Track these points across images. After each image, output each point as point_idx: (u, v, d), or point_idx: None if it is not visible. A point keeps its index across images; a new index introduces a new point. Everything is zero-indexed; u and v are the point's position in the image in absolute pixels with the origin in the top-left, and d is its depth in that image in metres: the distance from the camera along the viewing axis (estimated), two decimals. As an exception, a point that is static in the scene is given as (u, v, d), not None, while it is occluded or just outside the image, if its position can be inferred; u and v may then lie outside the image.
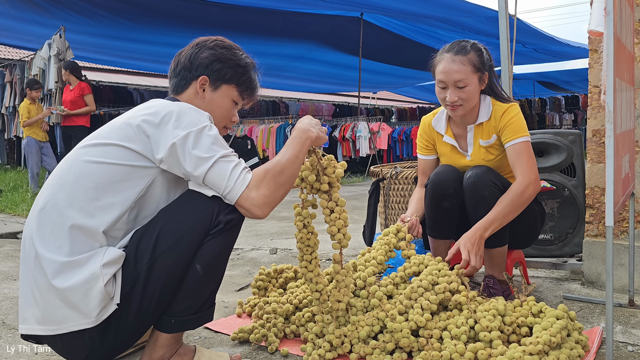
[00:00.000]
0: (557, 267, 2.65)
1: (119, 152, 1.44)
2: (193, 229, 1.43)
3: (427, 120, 2.30)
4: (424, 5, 7.94)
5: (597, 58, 2.43)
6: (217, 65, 1.63)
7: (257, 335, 1.80)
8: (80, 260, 1.36)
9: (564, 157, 2.71)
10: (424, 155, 2.32)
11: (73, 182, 1.42)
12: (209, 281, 1.49)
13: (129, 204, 1.44)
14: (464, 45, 2.05)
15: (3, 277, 2.82)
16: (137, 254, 1.41)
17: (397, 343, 1.67)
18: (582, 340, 1.66)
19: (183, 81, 1.64)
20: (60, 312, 1.36)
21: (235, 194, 1.43)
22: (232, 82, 1.66)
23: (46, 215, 1.40)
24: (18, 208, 5.52)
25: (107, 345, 1.42)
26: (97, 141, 1.48)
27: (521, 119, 2.07)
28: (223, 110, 1.67)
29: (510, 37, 2.79)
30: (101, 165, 1.43)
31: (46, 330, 1.38)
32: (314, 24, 9.37)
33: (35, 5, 7.68)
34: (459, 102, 2.04)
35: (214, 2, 7.79)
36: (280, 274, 2.29)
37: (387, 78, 14.28)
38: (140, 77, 16.03)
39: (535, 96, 18.43)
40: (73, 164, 1.46)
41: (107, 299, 1.37)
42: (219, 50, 1.65)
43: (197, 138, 1.43)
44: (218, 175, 1.42)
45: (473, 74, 2.03)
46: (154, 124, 1.45)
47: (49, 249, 1.37)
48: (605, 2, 1.53)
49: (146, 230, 1.44)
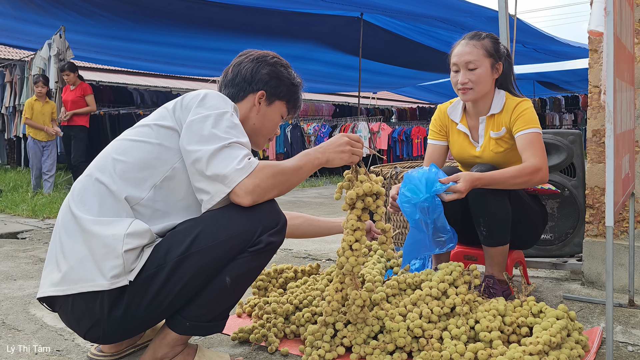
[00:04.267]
0: (557, 267, 2.65)
1: (152, 131, 1.53)
2: (233, 240, 1.45)
3: (443, 107, 2.32)
4: (424, 5, 7.94)
5: (597, 58, 2.43)
6: (275, 82, 1.74)
7: (257, 335, 1.80)
8: (105, 220, 1.43)
9: (564, 157, 2.71)
10: (434, 140, 2.32)
11: (107, 156, 1.53)
12: (233, 295, 1.51)
13: (154, 181, 1.48)
14: (479, 33, 2.14)
15: (3, 277, 2.82)
16: (171, 244, 1.43)
17: (394, 342, 1.67)
18: (582, 340, 1.66)
19: (241, 92, 1.73)
20: (81, 267, 1.40)
21: (237, 179, 1.41)
22: (285, 99, 1.77)
23: (80, 183, 1.52)
24: (18, 208, 5.52)
25: (113, 322, 1.43)
26: (139, 123, 1.59)
27: (534, 113, 2.10)
28: (273, 124, 1.78)
29: (510, 37, 2.79)
30: (135, 142, 1.53)
31: (58, 291, 1.42)
32: (314, 24, 9.36)
33: (35, 5, 7.68)
34: (469, 84, 2.08)
35: (214, 2, 7.79)
36: (280, 274, 2.29)
37: (387, 78, 14.27)
38: (140, 77, 16.03)
39: (535, 96, 18.44)
40: (114, 143, 1.58)
41: (124, 267, 1.39)
42: (279, 68, 1.76)
43: (219, 120, 1.49)
44: (229, 157, 1.43)
45: (485, 58, 2.08)
46: (183, 105, 1.54)
47: (81, 209, 1.46)
48: (605, 2, 1.53)
49: (188, 225, 1.47)
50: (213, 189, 1.43)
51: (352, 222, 1.64)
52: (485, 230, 2.00)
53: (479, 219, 2.00)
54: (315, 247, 3.61)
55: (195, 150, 1.45)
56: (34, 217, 5.12)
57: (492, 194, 1.98)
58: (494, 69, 2.12)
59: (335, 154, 1.62)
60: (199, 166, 1.44)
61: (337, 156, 1.62)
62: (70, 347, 1.82)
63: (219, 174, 1.42)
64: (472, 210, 2.04)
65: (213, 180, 1.42)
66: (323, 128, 11.51)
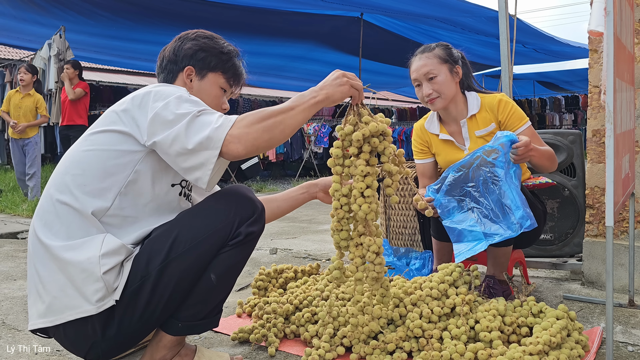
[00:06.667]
0: (557, 267, 2.65)
1: (106, 137, 1.45)
2: (211, 237, 1.43)
3: (419, 125, 2.36)
4: (424, 5, 7.93)
5: (597, 58, 2.43)
6: (201, 54, 1.64)
7: (257, 335, 1.80)
8: (76, 244, 1.38)
9: (564, 157, 2.71)
10: (420, 160, 2.36)
11: (63, 172, 1.45)
12: (221, 291, 1.50)
13: (118, 188, 1.42)
14: (429, 45, 2.21)
15: (3, 277, 2.82)
16: (150, 254, 1.40)
17: (408, 332, 1.67)
18: (582, 340, 1.66)
19: (170, 74, 1.65)
20: (64, 296, 1.36)
21: (221, 135, 1.34)
22: (218, 69, 1.67)
23: (42, 208, 1.45)
24: (18, 208, 5.52)
25: (109, 341, 1.42)
26: (87, 133, 1.50)
27: (518, 107, 2.19)
28: (212, 98, 1.67)
29: (510, 37, 2.79)
30: (89, 152, 1.45)
31: (46, 322, 1.39)
32: (314, 24, 9.36)
33: (35, 5, 7.67)
34: (434, 94, 2.14)
35: (214, 2, 7.78)
36: (280, 274, 2.29)
37: (387, 78, 14.25)
38: (140, 77, 16.01)
39: (535, 96, 18.41)
40: (66, 158, 1.49)
41: (106, 289, 1.36)
42: (202, 40, 1.67)
43: (179, 101, 1.41)
44: (204, 122, 1.36)
45: (441, 65, 2.15)
46: (136, 105, 1.45)
47: (48, 236, 1.40)
48: (605, 2, 1.53)
49: (163, 231, 1.44)
50: (202, 159, 1.35)
51: (361, 167, 1.54)
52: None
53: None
54: (315, 247, 3.61)
55: (168, 133, 1.37)
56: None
57: None
58: (454, 73, 2.17)
59: (333, 88, 1.49)
60: (179, 144, 1.35)
61: (337, 89, 1.49)
62: (70, 347, 1.82)
63: (201, 140, 1.34)
64: (475, 211, 2.05)
65: (198, 150, 1.34)
66: (323, 128, 11.51)
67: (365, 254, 1.58)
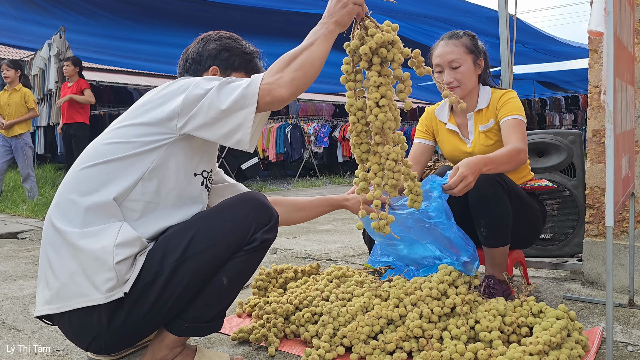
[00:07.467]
0: (557, 267, 2.65)
1: (131, 130, 1.46)
2: (228, 240, 1.44)
3: (430, 109, 2.37)
4: (424, 5, 7.94)
5: (597, 58, 2.43)
6: (225, 54, 1.68)
7: (257, 335, 1.80)
8: (92, 231, 1.38)
9: (564, 157, 2.71)
10: (420, 139, 2.36)
11: (83, 163, 1.46)
12: (230, 294, 1.51)
13: (141, 173, 1.43)
14: (456, 32, 2.17)
15: (3, 277, 2.82)
16: (166, 250, 1.41)
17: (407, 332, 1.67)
18: (582, 340, 1.66)
19: (195, 75, 1.67)
20: (72, 283, 1.36)
21: (254, 91, 1.37)
22: (241, 69, 1.70)
23: (59, 196, 1.46)
24: (18, 208, 5.52)
25: (113, 333, 1.42)
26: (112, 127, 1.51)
27: (519, 102, 2.14)
28: None
29: (510, 37, 2.79)
30: (112, 145, 1.46)
31: (52, 309, 1.39)
32: (314, 24, 9.34)
33: (35, 5, 7.67)
34: (455, 83, 2.12)
35: (214, 2, 7.78)
36: (280, 274, 2.29)
37: (386, 78, 14.25)
38: (140, 77, 16.01)
39: (535, 96, 18.40)
40: (89, 149, 1.50)
41: (117, 279, 1.36)
42: (225, 40, 1.70)
43: (207, 80, 1.44)
44: (234, 86, 1.40)
45: (466, 55, 2.12)
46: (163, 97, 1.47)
47: (63, 222, 1.41)
48: (605, 2, 1.53)
49: (180, 228, 1.44)
50: (240, 119, 1.37)
51: (373, 79, 1.55)
52: (486, 231, 2.00)
53: (479, 219, 2.00)
54: (315, 247, 3.61)
55: (202, 103, 1.39)
56: (34, 217, 5.12)
57: (492, 195, 1.97)
58: (477, 65, 2.16)
59: (339, 13, 1.53)
60: (214, 109, 1.38)
61: (343, 13, 1.53)
62: (70, 347, 1.82)
63: (236, 99, 1.37)
64: (472, 211, 2.04)
65: (234, 110, 1.38)
66: (323, 128, 11.51)
67: (383, 162, 1.57)
